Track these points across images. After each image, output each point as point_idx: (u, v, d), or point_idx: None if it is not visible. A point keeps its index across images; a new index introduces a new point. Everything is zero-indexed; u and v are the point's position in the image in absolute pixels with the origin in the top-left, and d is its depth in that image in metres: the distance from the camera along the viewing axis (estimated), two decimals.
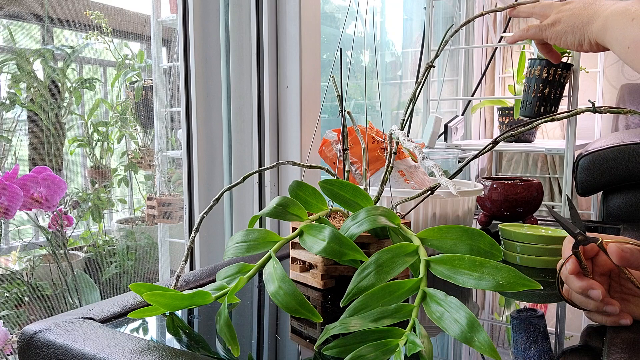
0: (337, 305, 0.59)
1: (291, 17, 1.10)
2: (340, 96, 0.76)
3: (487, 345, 0.41)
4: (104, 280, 1.74)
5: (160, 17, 1.79)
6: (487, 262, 0.46)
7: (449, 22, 2.31)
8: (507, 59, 2.43)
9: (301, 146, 1.12)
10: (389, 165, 0.71)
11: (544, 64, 1.30)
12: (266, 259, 0.54)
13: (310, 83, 1.13)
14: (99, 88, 1.85)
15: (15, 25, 1.50)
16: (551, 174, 2.28)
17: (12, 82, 1.48)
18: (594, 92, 2.23)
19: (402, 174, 0.91)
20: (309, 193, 0.63)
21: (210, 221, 1.13)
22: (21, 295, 1.34)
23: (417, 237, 0.53)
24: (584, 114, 0.65)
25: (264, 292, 0.66)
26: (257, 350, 0.51)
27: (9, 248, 1.44)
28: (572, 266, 0.52)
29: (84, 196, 1.76)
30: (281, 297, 0.49)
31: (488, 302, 0.68)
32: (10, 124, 1.48)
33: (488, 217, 1.08)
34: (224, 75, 1.12)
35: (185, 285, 0.66)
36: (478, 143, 1.87)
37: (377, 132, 0.98)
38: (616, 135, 1.39)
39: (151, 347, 0.46)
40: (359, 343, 0.44)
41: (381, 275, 0.49)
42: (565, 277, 0.53)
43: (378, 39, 2.11)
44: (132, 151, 1.97)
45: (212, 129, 1.11)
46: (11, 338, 1.05)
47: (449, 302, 0.44)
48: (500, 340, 0.55)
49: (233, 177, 1.14)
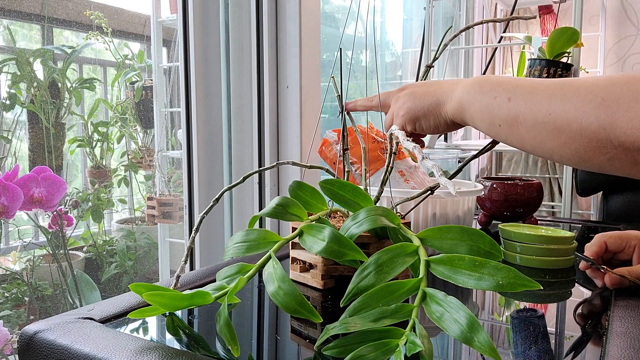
0: (337, 305, 0.59)
1: (291, 17, 1.10)
2: (340, 96, 0.76)
3: (487, 345, 0.41)
4: (104, 280, 1.74)
5: (160, 17, 1.79)
6: (487, 262, 0.46)
7: (449, 22, 2.31)
8: (507, 59, 2.43)
9: (301, 146, 1.12)
10: (389, 166, 0.71)
11: (544, 64, 1.31)
12: (266, 259, 0.54)
13: (310, 83, 1.13)
14: (99, 88, 1.85)
15: (15, 25, 1.50)
16: (551, 174, 2.28)
17: (12, 82, 1.48)
18: None
19: (402, 174, 0.91)
20: (309, 193, 0.63)
21: (210, 221, 1.13)
22: (21, 296, 1.34)
23: (417, 237, 0.53)
24: None
25: (264, 292, 0.66)
26: (257, 350, 0.51)
27: (9, 248, 1.44)
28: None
29: (84, 196, 1.77)
30: (281, 297, 0.49)
31: (488, 302, 0.68)
32: (10, 124, 1.48)
33: (488, 217, 1.08)
34: (224, 75, 1.12)
35: (185, 285, 0.66)
36: (478, 143, 1.87)
37: (377, 132, 0.98)
38: None
39: (151, 347, 0.46)
40: (359, 343, 0.44)
41: (381, 275, 0.49)
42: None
43: (378, 39, 2.11)
44: (132, 151, 1.98)
45: (212, 129, 1.11)
46: (11, 338, 1.05)
47: (449, 302, 0.44)
48: (500, 340, 0.55)
49: (233, 177, 1.14)
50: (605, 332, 0.53)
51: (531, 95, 0.48)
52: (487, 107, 0.52)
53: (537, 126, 0.47)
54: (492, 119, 0.52)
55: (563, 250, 0.77)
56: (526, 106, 0.48)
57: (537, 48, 1.35)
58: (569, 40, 1.27)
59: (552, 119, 0.45)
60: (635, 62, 2.22)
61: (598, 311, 0.62)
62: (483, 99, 0.53)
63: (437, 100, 0.60)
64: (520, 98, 0.49)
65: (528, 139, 0.49)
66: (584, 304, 0.65)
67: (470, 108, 0.55)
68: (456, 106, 0.57)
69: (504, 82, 0.52)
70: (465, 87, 0.56)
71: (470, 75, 2.32)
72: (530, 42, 1.41)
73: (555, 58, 1.31)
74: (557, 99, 0.45)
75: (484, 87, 0.53)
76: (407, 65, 2.25)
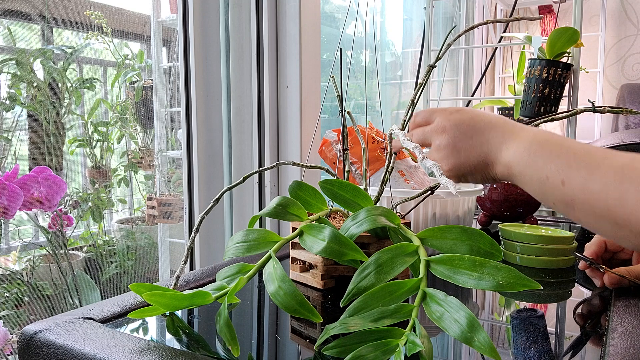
0: (337, 305, 0.59)
1: (291, 17, 1.10)
2: (340, 96, 0.76)
3: (487, 345, 0.41)
4: (104, 280, 1.74)
5: (160, 17, 1.79)
6: (487, 262, 0.46)
7: (449, 22, 2.31)
8: (507, 59, 2.43)
9: (301, 146, 1.12)
10: (389, 166, 0.71)
11: (544, 64, 1.30)
12: (266, 259, 0.54)
13: (310, 83, 1.13)
14: (99, 88, 1.85)
15: (15, 25, 1.50)
16: None
17: (12, 82, 1.48)
18: (594, 92, 2.23)
19: (402, 174, 0.91)
20: (309, 193, 0.63)
21: (210, 221, 1.13)
22: (21, 295, 1.34)
23: (417, 237, 0.53)
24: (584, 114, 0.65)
25: (264, 292, 0.66)
26: (257, 350, 0.51)
27: (9, 248, 1.44)
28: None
29: (84, 196, 1.76)
30: (281, 297, 0.49)
31: (488, 302, 0.68)
32: (10, 124, 1.48)
33: (488, 217, 1.08)
34: (224, 75, 1.12)
35: (185, 285, 0.66)
36: None
37: (377, 132, 0.98)
38: (616, 135, 1.39)
39: (151, 347, 0.46)
40: (359, 343, 0.44)
41: (381, 275, 0.49)
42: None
43: (378, 39, 2.11)
44: (132, 151, 1.97)
45: (212, 129, 1.11)
46: (11, 338, 1.05)
47: (449, 302, 0.44)
48: (500, 340, 0.55)
49: (233, 177, 1.14)
50: (605, 332, 0.53)
51: (587, 183, 0.43)
52: (538, 185, 0.48)
53: (595, 216, 0.43)
54: (545, 197, 0.48)
55: (563, 250, 0.77)
56: (583, 196, 0.44)
57: (537, 48, 1.35)
58: (569, 40, 1.27)
59: (612, 215, 0.42)
60: (635, 62, 2.22)
61: (598, 311, 0.62)
62: (534, 176, 0.48)
63: (484, 160, 0.54)
64: (575, 184, 0.44)
65: (585, 222, 0.45)
66: (583, 303, 0.65)
67: (520, 180, 0.50)
68: (504, 172, 0.52)
69: (554, 157, 0.47)
70: (515, 153, 0.50)
71: (470, 74, 2.32)
72: (530, 42, 1.41)
73: (555, 58, 1.31)
74: (615, 190, 0.41)
75: (536, 162, 0.48)
76: (407, 65, 2.25)
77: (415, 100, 0.73)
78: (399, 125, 0.71)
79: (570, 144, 0.47)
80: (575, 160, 0.45)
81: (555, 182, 0.46)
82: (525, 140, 0.50)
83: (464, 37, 2.28)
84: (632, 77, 2.22)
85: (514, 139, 0.51)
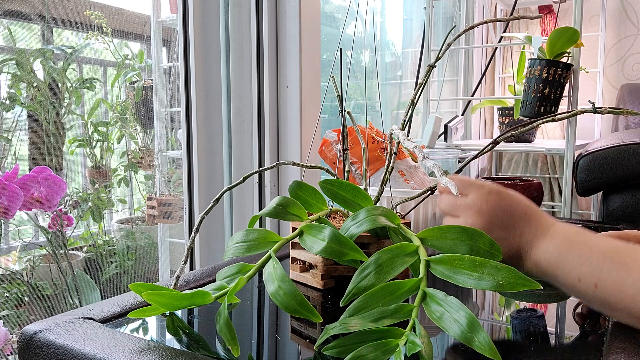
0: (337, 305, 0.58)
1: (291, 17, 1.10)
2: (340, 96, 0.76)
3: (487, 345, 0.41)
4: (104, 280, 1.74)
5: (160, 17, 1.79)
6: (487, 262, 0.46)
7: (449, 22, 2.31)
8: (507, 59, 2.43)
9: (301, 146, 1.12)
10: (389, 166, 0.71)
11: (544, 64, 1.30)
12: (266, 259, 0.54)
13: (310, 83, 1.13)
14: (99, 88, 1.85)
15: (15, 25, 1.50)
16: (551, 174, 2.28)
17: (12, 82, 1.48)
18: (594, 92, 2.23)
19: (402, 174, 0.91)
20: (309, 193, 0.63)
21: (210, 221, 1.13)
22: (21, 295, 1.34)
23: (417, 237, 0.53)
24: (584, 114, 0.65)
25: (264, 292, 0.66)
26: (257, 350, 0.51)
27: (9, 248, 1.44)
28: None
29: (84, 196, 1.76)
30: (281, 297, 0.49)
31: (488, 302, 0.68)
32: (10, 124, 1.48)
33: None
34: (224, 75, 1.12)
35: (185, 285, 0.66)
36: (478, 143, 1.87)
37: (377, 132, 0.98)
38: (616, 135, 1.39)
39: (151, 347, 0.46)
40: (359, 343, 0.44)
41: (381, 275, 0.49)
42: None
43: (378, 39, 2.11)
44: (132, 151, 1.97)
45: (212, 129, 1.11)
46: (11, 338, 1.05)
47: (449, 302, 0.44)
48: (500, 340, 0.55)
49: (233, 177, 1.14)
50: (605, 332, 0.53)
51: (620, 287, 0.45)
52: (572, 286, 0.49)
53: (631, 317, 0.46)
54: (579, 296, 0.50)
55: None
56: (616, 299, 0.46)
57: (537, 48, 1.35)
58: (569, 40, 1.27)
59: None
60: (635, 62, 2.22)
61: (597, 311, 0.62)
62: (567, 277, 0.49)
63: (516, 254, 0.54)
64: (608, 287, 0.46)
65: (622, 319, 0.48)
66: (583, 303, 0.65)
67: (553, 280, 0.52)
68: (535, 269, 0.53)
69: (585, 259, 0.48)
70: (545, 253, 0.51)
71: (470, 74, 2.32)
72: (530, 42, 1.41)
73: (555, 58, 1.31)
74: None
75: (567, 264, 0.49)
76: (407, 65, 2.25)
77: (415, 100, 0.73)
78: (399, 125, 0.71)
79: (599, 243, 0.48)
80: (605, 262, 0.47)
81: (589, 284, 0.48)
82: (555, 239, 0.51)
83: (464, 37, 2.28)
84: (632, 77, 2.22)
85: (544, 237, 0.52)
